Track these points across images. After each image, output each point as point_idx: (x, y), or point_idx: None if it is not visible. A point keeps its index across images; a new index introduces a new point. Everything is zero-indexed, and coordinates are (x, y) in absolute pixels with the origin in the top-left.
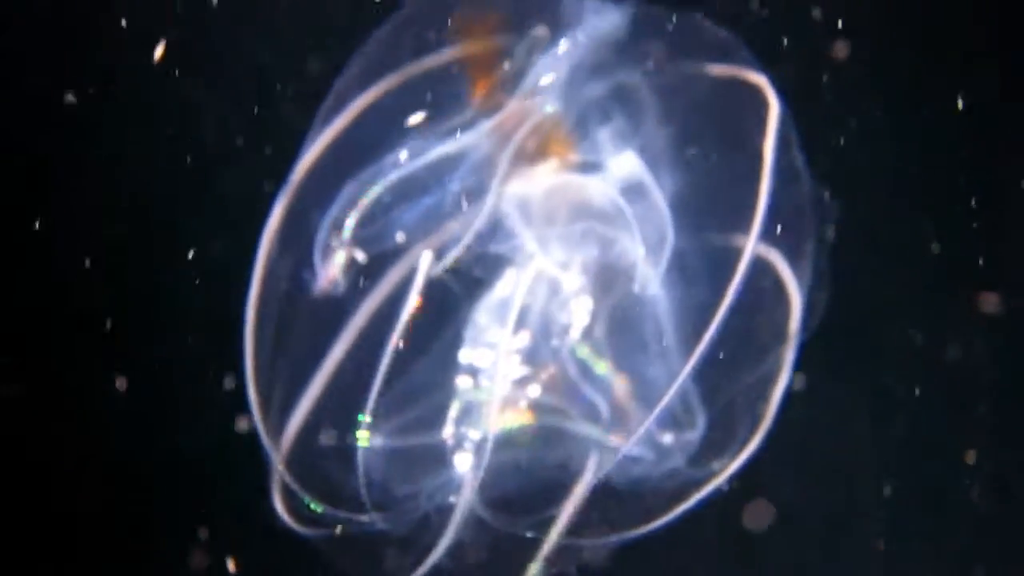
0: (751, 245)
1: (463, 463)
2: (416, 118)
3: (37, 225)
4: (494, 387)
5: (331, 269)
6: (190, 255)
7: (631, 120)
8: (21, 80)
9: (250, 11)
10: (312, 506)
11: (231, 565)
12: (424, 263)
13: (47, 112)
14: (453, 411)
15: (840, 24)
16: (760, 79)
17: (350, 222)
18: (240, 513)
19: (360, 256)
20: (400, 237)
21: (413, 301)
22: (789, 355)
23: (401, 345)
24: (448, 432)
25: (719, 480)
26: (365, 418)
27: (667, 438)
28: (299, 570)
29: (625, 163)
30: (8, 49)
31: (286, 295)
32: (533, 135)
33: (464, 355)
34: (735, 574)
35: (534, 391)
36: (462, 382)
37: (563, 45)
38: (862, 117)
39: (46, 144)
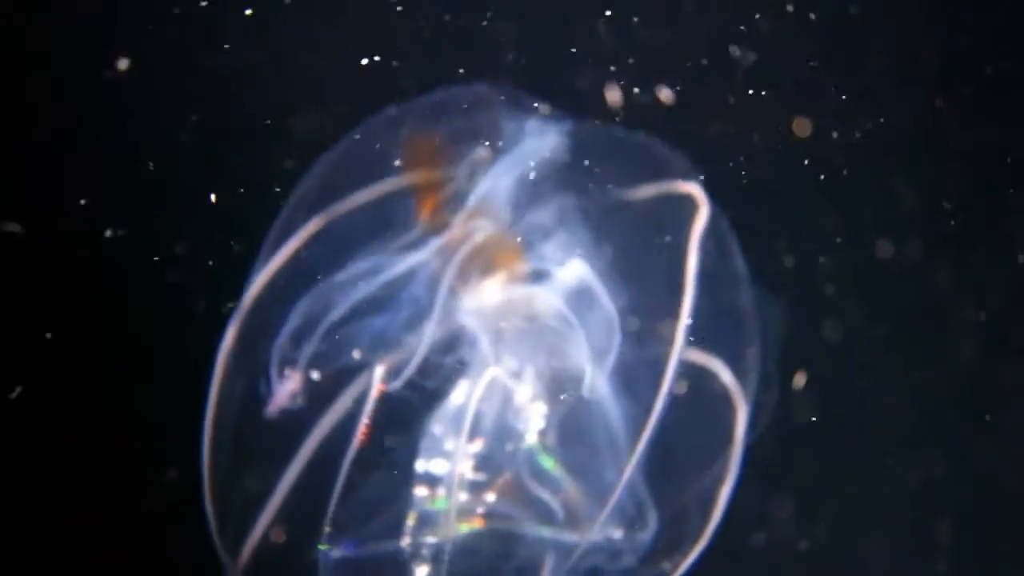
0: (676, 349)
1: (422, 571)
2: (364, 239)
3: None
4: (450, 495)
5: (286, 387)
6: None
7: (574, 232)
8: None
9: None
10: None
11: None
12: (377, 378)
13: None
14: (411, 520)
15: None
16: (693, 189)
17: (302, 341)
18: None
19: (314, 374)
20: (354, 353)
21: (367, 415)
22: (736, 458)
23: (357, 458)
24: (406, 541)
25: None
26: (324, 530)
27: (619, 538)
28: None
29: (572, 270)
30: None
31: (242, 413)
32: (480, 250)
33: (420, 465)
34: None
35: (490, 497)
36: (419, 491)
37: (504, 165)
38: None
39: None
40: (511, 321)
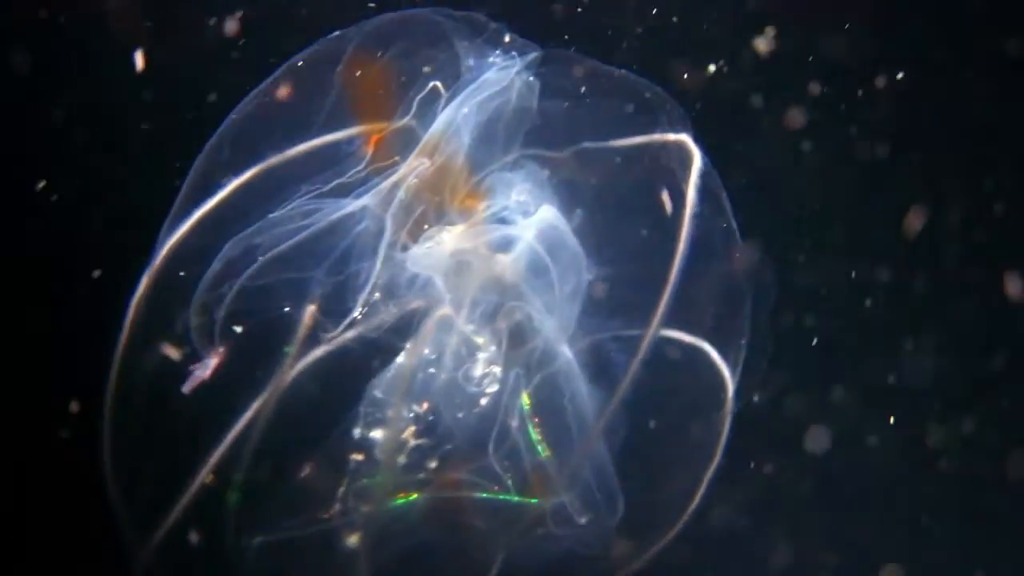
0: (656, 323)
1: (352, 539)
2: (301, 177)
3: None
4: (389, 463)
5: (208, 341)
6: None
7: (542, 182)
8: None
9: None
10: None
11: None
12: (307, 324)
13: None
14: (346, 490)
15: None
16: (684, 138)
17: (225, 290)
18: None
19: (238, 327)
20: (288, 303)
21: (296, 371)
22: (720, 441)
23: (284, 425)
24: (336, 510)
25: (635, 566)
26: (244, 513)
27: (583, 521)
28: None
29: (537, 218)
30: None
31: (152, 380)
32: (431, 189)
33: (358, 431)
34: None
35: (435, 466)
36: (354, 458)
37: (461, 100)
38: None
39: None
40: (466, 272)
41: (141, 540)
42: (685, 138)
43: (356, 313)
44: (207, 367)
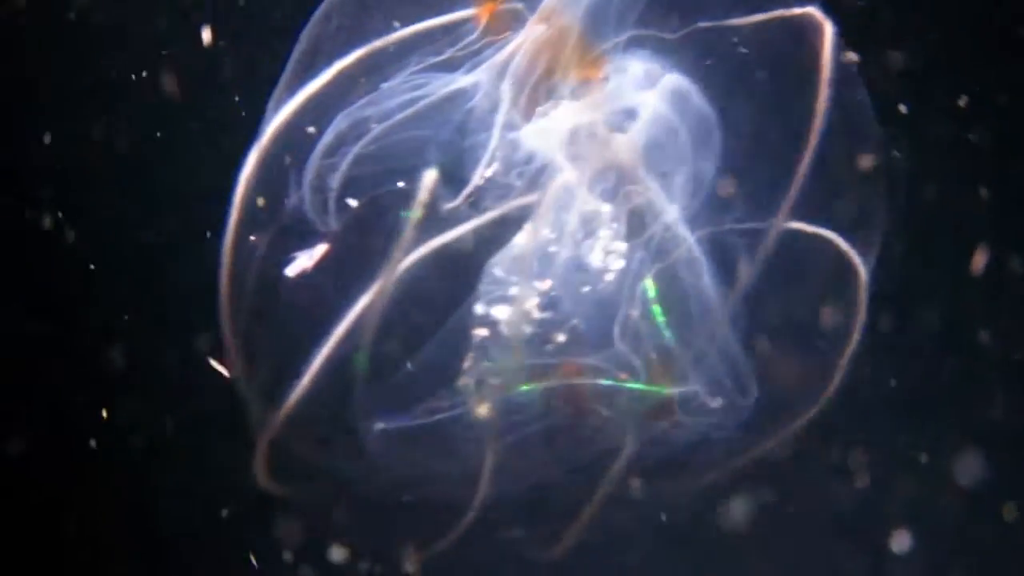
0: (786, 209)
1: (483, 427)
2: (413, 49)
3: None
4: (515, 336)
5: (322, 214)
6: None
7: (664, 61)
8: None
9: None
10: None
11: None
12: (427, 188)
13: None
14: (472, 368)
15: None
16: (814, 13)
17: (338, 163)
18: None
19: (353, 200)
20: (403, 174)
21: (414, 237)
22: (855, 325)
23: (402, 307)
24: (466, 393)
25: (768, 447)
26: (366, 399)
27: (714, 406)
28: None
29: (664, 88)
30: None
31: (270, 247)
32: (549, 59)
33: (481, 306)
34: None
35: (562, 341)
36: (478, 334)
37: None
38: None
39: None
40: (585, 149)
41: (264, 428)
42: (813, 10)
43: (473, 187)
44: (312, 256)
